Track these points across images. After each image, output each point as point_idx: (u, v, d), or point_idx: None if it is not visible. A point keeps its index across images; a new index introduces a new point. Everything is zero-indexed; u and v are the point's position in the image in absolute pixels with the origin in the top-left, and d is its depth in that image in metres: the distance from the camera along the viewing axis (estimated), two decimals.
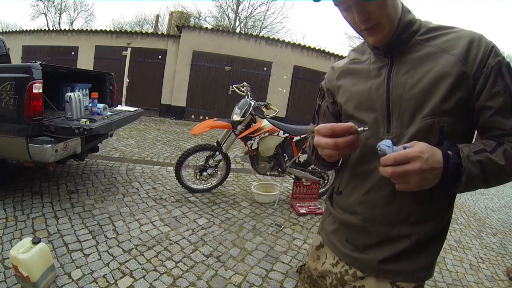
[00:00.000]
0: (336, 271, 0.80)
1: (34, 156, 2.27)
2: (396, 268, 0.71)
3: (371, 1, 0.60)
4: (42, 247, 1.62)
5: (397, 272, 0.71)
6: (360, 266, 0.76)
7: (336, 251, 0.82)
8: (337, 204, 0.83)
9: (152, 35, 8.79)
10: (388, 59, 0.70)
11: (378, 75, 0.71)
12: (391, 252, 0.71)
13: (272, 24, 18.96)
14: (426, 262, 0.71)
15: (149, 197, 2.96)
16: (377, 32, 0.65)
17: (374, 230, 0.73)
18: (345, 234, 0.80)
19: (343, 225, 0.80)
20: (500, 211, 4.72)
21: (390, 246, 0.72)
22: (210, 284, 1.83)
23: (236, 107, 3.04)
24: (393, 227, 0.71)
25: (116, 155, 4.23)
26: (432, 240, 0.71)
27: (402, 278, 0.71)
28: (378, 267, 0.73)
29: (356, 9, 0.61)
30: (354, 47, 0.83)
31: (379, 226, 0.72)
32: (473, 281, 2.33)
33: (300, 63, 8.75)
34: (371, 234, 0.73)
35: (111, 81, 3.60)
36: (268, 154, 3.06)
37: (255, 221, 2.75)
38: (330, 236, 0.84)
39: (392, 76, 0.68)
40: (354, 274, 0.77)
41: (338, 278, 0.80)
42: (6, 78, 2.20)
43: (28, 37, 9.51)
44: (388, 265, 0.72)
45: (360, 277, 0.76)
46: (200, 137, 6.24)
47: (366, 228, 0.74)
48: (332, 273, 0.82)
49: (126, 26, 22.32)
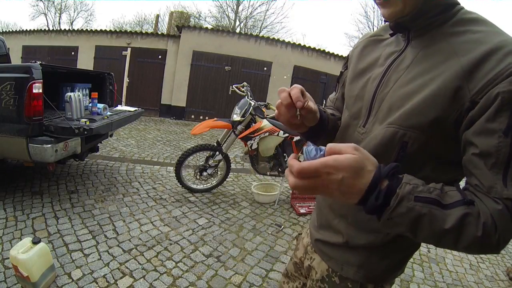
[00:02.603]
0: (307, 240, 0.87)
1: (34, 156, 2.27)
2: (329, 253, 0.74)
3: None
4: (42, 247, 1.62)
5: (330, 257, 0.74)
6: (311, 240, 0.82)
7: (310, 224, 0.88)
8: None
9: (152, 35, 8.79)
10: (404, 44, 0.61)
11: (382, 64, 0.64)
12: (328, 239, 0.74)
13: (272, 24, 18.97)
14: (357, 260, 0.69)
15: (149, 197, 2.96)
16: (388, 4, 0.56)
17: (325, 212, 0.76)
18: (315, 211, 0.85)
19: (316, 204, 0.85)
20: None
21: (329, 234, 0.74)
22: (210, 284, 1.83)
23: (236, 107, 3.04)
24: (335, 218, 0.72)
25: (116, 155, 4.23)
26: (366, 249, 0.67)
27: (333, 264, 0.73)
28: (317, 245, 0.78)
29: None
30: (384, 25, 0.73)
31: (328, 210, 0.74)
32: (473, 281, 2.33)
33: (300, 63, 8.75)
34: (324, 216, 0.76)
35: (111, 81, 3.60)
36: (268, 154, 3.06)
37: (255, 221, 2.75)
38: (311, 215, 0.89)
39: (391, 69, 0.61)
40: (311, 248, 0.82)
41: (305, 244, 0.87)
42: (6, 78, 2.20)
43: (28, 37, 9.50)
44: (325, 247, 0.76)
45: (315, 251, 0.80)
46: (200, 137, 6.24)
47: (323, 209, 0.77)
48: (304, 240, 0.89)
49: (126, 26, 22.34)
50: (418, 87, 0.54)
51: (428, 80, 0.53)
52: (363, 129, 0.64)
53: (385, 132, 0.56)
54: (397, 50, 0.62)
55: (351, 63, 0.75)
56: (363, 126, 0.64)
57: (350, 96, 0.71)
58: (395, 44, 0.64)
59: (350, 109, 0.70)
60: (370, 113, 0.63)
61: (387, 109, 0.58)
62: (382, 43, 0.68)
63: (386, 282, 0.71)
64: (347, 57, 0.81)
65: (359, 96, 0.67)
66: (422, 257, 2.58)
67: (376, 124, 0.60)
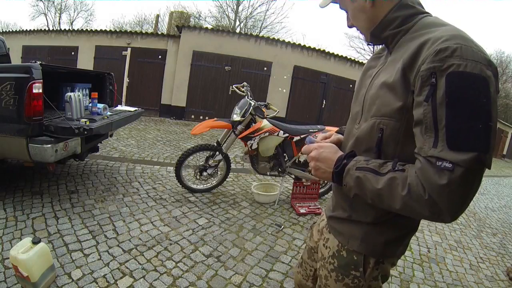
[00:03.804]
0: (323, 224, 1.00)
1: (34, 156, 2.27)
2: (339, 228, 0.86)
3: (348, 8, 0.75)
4: (42, 247, 1.61)
5: (339, 232, 0.86)
6: (327, 221, 0.94)
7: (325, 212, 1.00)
8: None
9: (152, 35, 8.79)
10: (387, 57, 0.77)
11: (371, 75, 0.80)
12: (338, 215, 0.86)
13: (272, 24, 19.00)
14: (359, 233, 0.79)
15: (149, 197, 2.96)
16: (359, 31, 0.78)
17: (336, 195, 0.89)
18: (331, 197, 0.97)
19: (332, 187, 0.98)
20: (500, 211, 4.72)
21: (339, 212, 0.87)
22: (210, 284, 1.83)
23: (236, 107, 3.04)
24: (341, 198, 0.85)
25: (116, 155, 4.23)
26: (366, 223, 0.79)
27: (341, 238, 0.85)
28: (331, 224, 0.90)
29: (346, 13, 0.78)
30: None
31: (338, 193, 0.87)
32: (473, 281, 2.33)
33: (300, 63, 8.76)
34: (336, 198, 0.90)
35: (111, 81, 3.59)
36: (268, 154, 3.06)
37: (255, 221, 2.75)
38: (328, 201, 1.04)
39: (375, 77, 0.77)
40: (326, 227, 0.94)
41: (321, 228, 1.00)
42: (6, 78, 2.20)
43: (28, 37, 9.51)
44: (336, 224, 0.88)
45: (329, 230, 0.92)
46: (200, 137, 6.24)
47: (336, 193, 0.90)
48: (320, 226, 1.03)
49: (126, 26, 22.36)
50: (381, 86, 0.69)
51: (386, 79, 0.68)
52: (358, 125, 0.78)
53: (369, 124, 0.72)
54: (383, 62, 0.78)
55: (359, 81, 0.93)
56: (358, 123, 0.79)
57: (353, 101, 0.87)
58: (384, 57, 0.79)
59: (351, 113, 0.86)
60: (362, 113, 0.78)
61: (368, 107, 0.74)
62: (380, 59, 0.82)
63: (386, 258, 0.80)
64: None
65: (356, 101, 0.84)
66: (422, 257, 2.58)
67: (363, 120, 0.76)
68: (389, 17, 0.70)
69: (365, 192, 0.65)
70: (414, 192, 0.57)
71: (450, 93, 0.53)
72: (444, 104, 0.54)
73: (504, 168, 12.77)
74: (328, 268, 0.87)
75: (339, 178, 0.70)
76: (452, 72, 0.54)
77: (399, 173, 0.60)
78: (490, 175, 9.08)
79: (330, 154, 0.73)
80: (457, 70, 0.53)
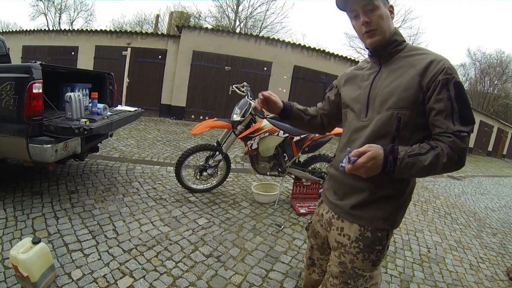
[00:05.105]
0: (327, 217, 1.13)
1: (34, 156, 2.27)
2: (360, 214, 1.01)
3: (373, 13, 0.93)
4: (42, 247, 1.61)
5: (361, 217, 1.01)
6: (338, 212, 1.07)
7: (327, 202, 1.14)
8: (331, 165, 1.17)
9: (152, 35, 8.79)
10: (378, 67, 1.02)
11: (368, 79, 1.03)
12: (357, 200, 1.01)
13: (272, 24, 18.96)
14: (382, 214, 0.99)
15: (149, 197, 2.96)
16: (373, 35, 0.96)
17: (346, 182, 1.04)
18: (332, 187, 1.12)
19: (331, 178, 1.14)
20: (500, 211, 4.72)
21: (356, 197, 1.01)
22: (210, 284, 1.83)
23: (236, 107, 3.04)
24: (355, 180, 0.99)
25: (116, 155, 4.23)
26: (385, 198, 0.98)
27: (364, 222, 1.00)
28: (349, 212, 1.03)
29: (363, 15, 0.94)
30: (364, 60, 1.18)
31: (349, 178, 1.01)
32: (473, 281, 2.33)
33: (300, 63, 8.76)
34: (347, 185, 1.04)
35: (111, 81, 3.59)
36: (268, 154, 3.05)
37: (255, 221, 2.75)
38: (325, 192, 1.17)
39: (375, 80, 1.00)
40: (338, 217, 1.08)
41: (327, 221, 1.13)
42: (6, 78, 2.20)
43: (28, 37, 9.51)
44: (355, 210, 1.02)
45: (341, 220, 1.06)
46: (200, 137, 6.24)
47: (343, 179, 1.05)
48: (324, 218, 1.15)
49: (126, 26, 22.34)
50: (395, 87, 0.94)
51: (400, 82, 0.93)
52: (366, 118, 1.00)
53: (386, 115, 0.94)
54: (374, 71, 1.03)
55: (340, 86, 1.17)
56: (365, 116, 1.00)
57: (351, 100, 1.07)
58: (372, 69, 1.05)
59: (353, 109, 1.06)
60: (368, 107, 0.99)
61: (380, 102, 0.96)
62: (363, 69, 1.09)
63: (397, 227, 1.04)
64: (333, 85, 1.26)
65: (357, 100, 1.04)
66: (422, 257, 2.58)
67: (374, 113, 0.97)
68: (392, 39, 0.97)
69: (416, 170, 0.86)
70: (450, 156, 0.85)
71: (457, 93, 0.86)
72: (455, 100, 0.86)
73: (504, 168, 12.77)
74: (353, 252, 1.02)
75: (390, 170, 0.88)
76: (455, 81, 0.87)
77: (438, 149, 0.86)
78: (490, 175, 9.07)
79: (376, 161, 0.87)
80: (457, 80, 0.87)
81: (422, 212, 3.80)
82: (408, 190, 1.02)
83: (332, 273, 1.08)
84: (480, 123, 14.97)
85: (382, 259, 1.04)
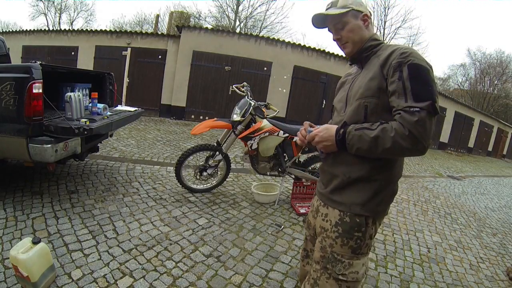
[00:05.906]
0: (316, 205, 1.22)
1: (34, 156, 2.27)
2: (339, 199, 1.07)
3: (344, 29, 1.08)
4: (42, 247, 1.61)
5: (340, 202, 1.07)
6: (323, 199, 1.15)
7: (317, 193, 1.24)
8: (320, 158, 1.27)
9: (152, 35, 8.79)
10: (360, 70, 1.12)
11: (350, 82, 1.14)
12: (334, 185, 1.09)
13: (272, 24, 18.98)
14: (361, 200, 1.03)
15: (149, 197, 2.96)
16: (346, 47, 1.11)
17: (327, 170, 1.13)
18: (321, 179, 1.21)
19: (320, 169, 1.23)
20: (500, 211, 4.72)
21: (335, 183, 1.09)
22: (210, 284, 1.83)
23: (236, 107, 3.04)
24: (334, 167, 1.09)
25: (116, 155, 4.23)
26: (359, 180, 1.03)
27: (343, 207, 1.06)
28: (330, 197, 1.11)
29: (334, 34, 1.11)
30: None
31: (329, 166, 1.12)
32: (473, 281, 2.33)
33: (300, 63, 8.75)
34: (328, 173, 1.13)
35: (111, 81, 3.59)
36: (268, 154, 3.06)
37: (255, 221, 2.75)
38: (317, 184, 1.26)
39: (354, 81, 1.10)
40: (324, 205, 1.14)
41: (316, 209, 1.21)
42: (6, 78, 2.19)
43: (28, 37, 9.51)
44: (334, 195, 1.09)
45: (326, 206, 1.13)
46: (200, 137, 6.24)
47: (325, 168, 1.15)
48: (314, 207, 1.24)
49: (126, 26, 22.35)
50: (364, 80, 1.03)
51: (367, 75, 1.03)
52: (344, 113, 1.10)
53: (355, 105, 1.03)
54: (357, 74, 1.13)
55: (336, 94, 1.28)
56: (343, 112, 1.11)
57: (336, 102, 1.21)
58: (356, 73, 1.15)
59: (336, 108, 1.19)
60: (346, 104, 1.10)
61: (352, 97, 1.06)
62: (351, 75, 1.19)
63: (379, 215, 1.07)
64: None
65: (340, 100, 1.17)
66: (422, 257, 2.58)
67: (348, 107, 1.08)
68: (365, 46, 1.08)
69: (364, 143, 0.93)
70: (398, 131, 0.88)
71: (410, 73, 0.90)
72: (408, 79, 0.90)
73: (504, 168, 12.77)
74: (332, 237, 1.06)
75: (342, 143, 0.99)
76: (410, 63, 0.91)
77: (386, 124, 0.92)
78: (490, 175, 9.08)
79: (328, 132, 1.02)
80: (413, 62, 0.91)
81: (422, 212, 3.80)
82: (386, 176, 1.03)
83: (315, 258, 1.12)
84: (480, 123, 14.96)
85: (364, 248, 1.05)
